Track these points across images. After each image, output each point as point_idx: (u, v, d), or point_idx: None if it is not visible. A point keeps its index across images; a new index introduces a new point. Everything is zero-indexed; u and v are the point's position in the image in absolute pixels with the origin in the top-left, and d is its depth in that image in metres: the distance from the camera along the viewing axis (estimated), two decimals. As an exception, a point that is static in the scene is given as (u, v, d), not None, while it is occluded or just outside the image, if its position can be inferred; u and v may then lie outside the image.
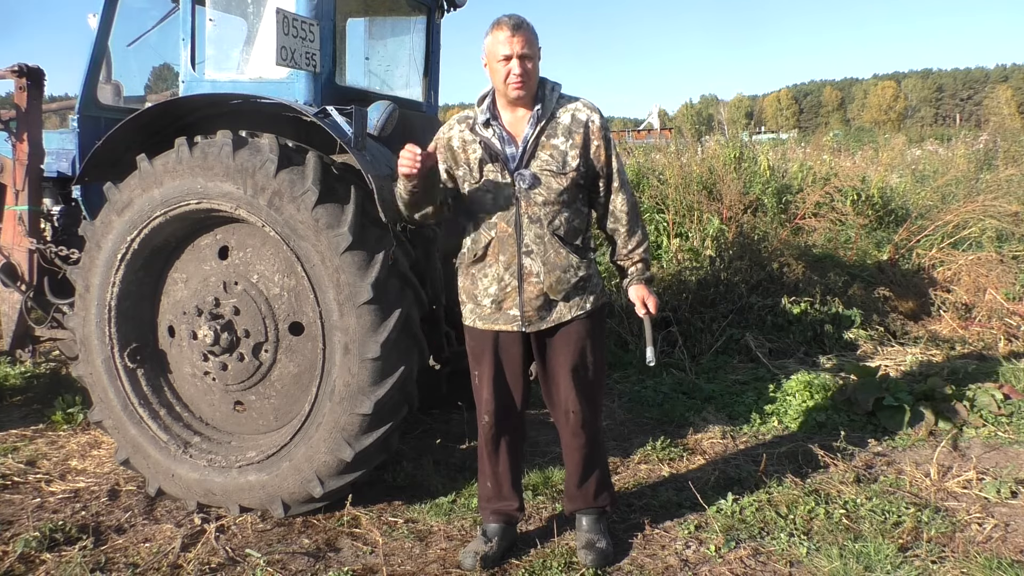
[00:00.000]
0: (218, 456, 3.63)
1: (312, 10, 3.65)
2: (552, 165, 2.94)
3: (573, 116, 2.99)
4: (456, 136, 3.05)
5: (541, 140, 2.96)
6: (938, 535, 3.32)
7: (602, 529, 3.25)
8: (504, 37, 2.86)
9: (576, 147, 2.96)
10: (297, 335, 3.54)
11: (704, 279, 6.66)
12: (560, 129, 2.97)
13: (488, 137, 2.98)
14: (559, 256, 2.97)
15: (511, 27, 2.86)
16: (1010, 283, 6.80)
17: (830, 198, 7.90)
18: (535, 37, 2.92)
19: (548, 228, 2.96)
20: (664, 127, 26.67)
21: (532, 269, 2.98)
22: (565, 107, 3.01)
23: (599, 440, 3.26)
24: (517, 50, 2.85)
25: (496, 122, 2.99)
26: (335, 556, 3.26)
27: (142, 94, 5.00)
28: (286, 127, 3.63)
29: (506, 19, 2.89)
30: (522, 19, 2.91)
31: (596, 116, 3.02)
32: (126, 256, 3.63)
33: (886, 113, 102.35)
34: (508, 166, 2.96)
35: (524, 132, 2.97)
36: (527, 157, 2.95)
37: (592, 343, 3.10)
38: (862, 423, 4.69)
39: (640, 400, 5.16)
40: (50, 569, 3.12)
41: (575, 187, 2.99)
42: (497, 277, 3.02)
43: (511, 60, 2.86)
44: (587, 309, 3.06)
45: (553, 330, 3.06)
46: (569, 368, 3.08)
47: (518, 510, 3.29)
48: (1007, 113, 38.42)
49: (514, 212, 2.96)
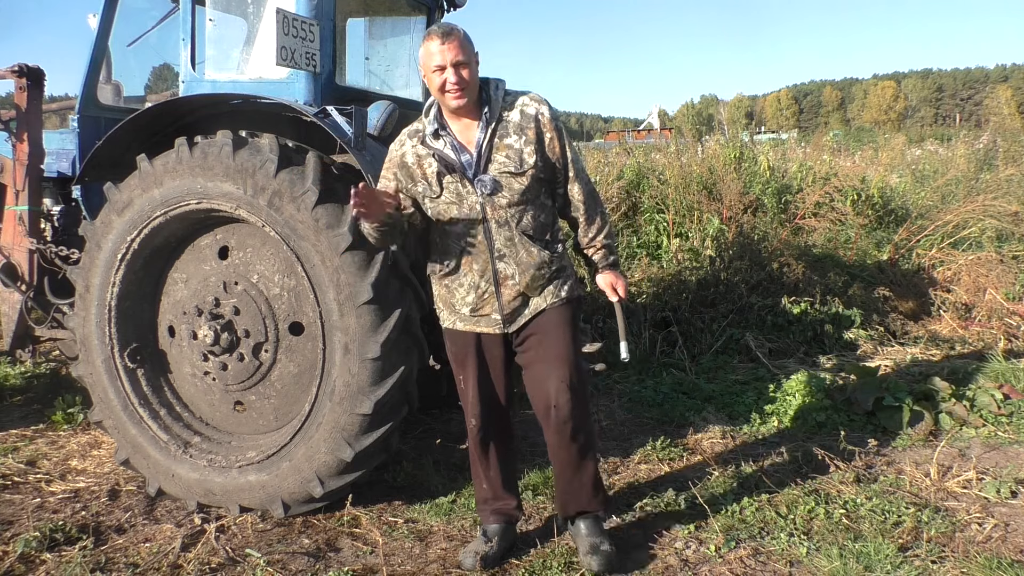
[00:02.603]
0: (218, 456, 3.64)
1: (312, 10, 3.65)
2: (510, 166, 2.89)
3: (522, 112, 2.93)
4: (409, 152, 2.98)
5: (495, 142, 2.90)
6: (938, 535, 3.32)
7: (603, 531, 3.18)
8: (435, 47, 2.80)
9: (531, 143, 2.90)
10: (297, 335, 3.54)
11: (704, 279, 6.66)
12: (511, 127, 2.91)
13: (440, 148, 2.92)
14: (531, 255, 2.94)
15: (440, 36, 2.80)
16: (1010, 283, 6.79)
17: (830, 198, 7.90)
18: (468, 43, 2.85)
19: (517, 229, 2.92)
20: (664, 127, 26.71)
21: (507, 272, 2.95)
22: (512, 104, 2.94)
23: (589, 440, 3.13)
24: (450, 58, 2.79)
25: (445, 132, 2.93)
26: (335, 556, 3.26)
27: (142, 94, 5.01)
28: (286, 127, 3.64)
29: (436, 28, 2.85)
30: (452, 27, 2.86)
31: (544, 108, 2.94)
32: (126, 256, 3.63)
33: (886, 113, 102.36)
34: (467, 174, 2.90)
35: (476, 137, 2.91)
36: (483, 162, 2.89)
37: (570, 334, 3.04)
38: (862, 423, 4.69)
39: (640, 400, 5.16)
40: (50, 569, 3.12)
41: (536, 183, 2.94)
42: (473, 285, 2.98)
43: (445, 70, 2.80)
44: (562, 297, 3.03)
45: (531, 323, 3.03)
46: (551, 357, 3.01)
47: (516, 508, 3.27)
48: (1007, 113, 38.37)
49: (480, 219, 2.91)
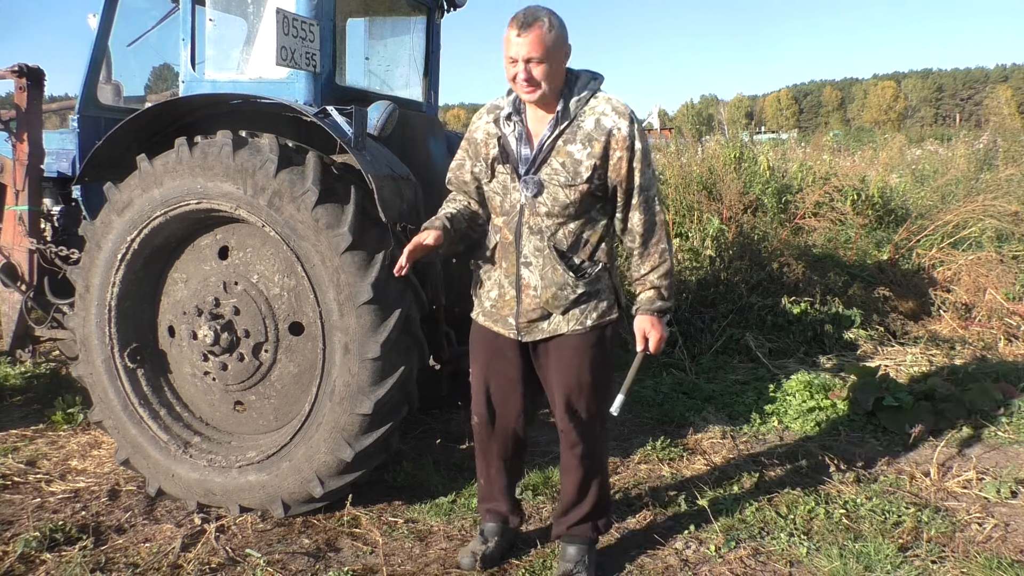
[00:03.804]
0: (218, 456, 3.63)
1: (312, 10, 3.65)
2: (562, 175, 2.68)
3: (598, 121, 2.67)
4: (481, 128, 2.86)
5: (557, 144, 2.69)
6: (938, 535, 3.32)
7: (586, 561, 2.99)
8: (512, 36, 2.60)
9: (594, 157, 2.66)
10: (297, 335, 3.54)
11: (704, 279, 6.66)
12: (580, 135, 2.68)
13: (507, 134, 2.76)
14: (555, 272, 2.75)
15: (519, 25, 2.58)
16: (1010, 283, 6.80)
17: (830, 198, 7.91)
18: (553, 35, 2.59)
19: (548, 241, 2.74)
20: (664, 127, 26.65)
21: (530, 281, 2.79)
22: (593, 109, 2.69)
23: (594, 467, 2.98)
24: (523, 53, 2.58)
25: (519, 117, 2.76)
26: (335, 556, 3.26)
27: (142, 94, 5.01)
28: (286, 127, 3.63)
29: (520, 15, 2.61)
30: (537, 15, 2.60)
31: (624, 123, 2.66)
32: (126, 256, 3.63)
33: (886, 113, 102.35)
34: (518, 169, 2.74)
35: (542, 133, 2.71)
36: (539, 162, 2.71)
37: (590, 362, 2.84)
38: (862, 423, 4.69)
39: (640, 400, 5.16)
40: (50, 569, 3.12)
41: (589, 199, 2.72)
42: (498, 283, 2.89)
43: (517, 63, 2.61)
44: (587, 325, 2.82)
45: (550, 341, 2.87)
46: (561, 383, 2.88)
47: (510, 512, 3.20)
48: (1007, 113, 38.39)
49: (516, 220, 2.76)
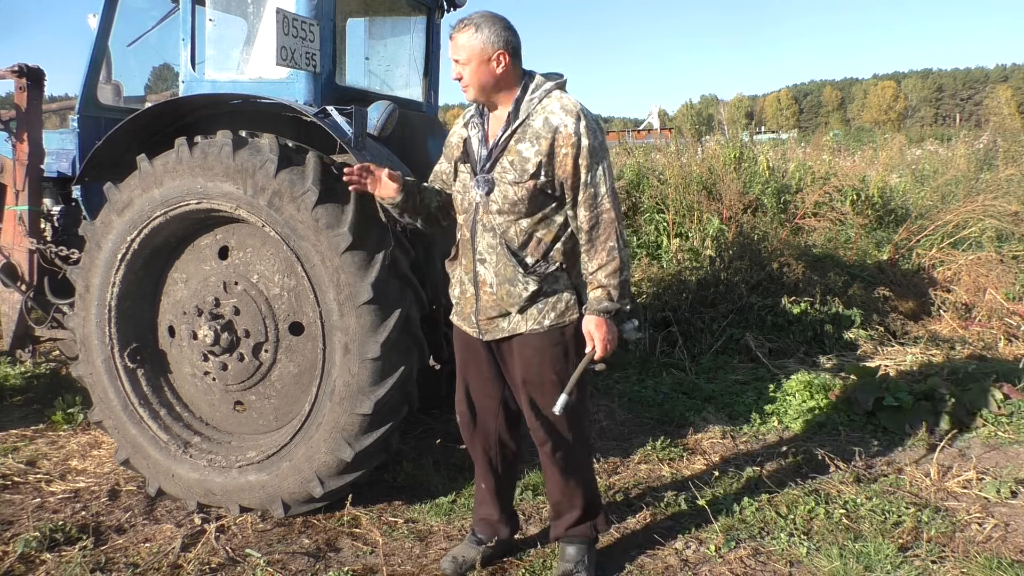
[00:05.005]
0: (218, 456, 3.63)
1: (312, 10, 3.65)
2: (510, 173, 2.73)
3: (546, 120, 2.70)
4: (456, 132, 2.96)
5: (509, 144, 2.74)
6: (938, 535, 3.32)
7: (586, 561, 3.01)
8: (450, 36, 2.76)
9: (541, 154, 2.69)
10: (297, 335, 3.54)
11: (704, 279, 6.66)
12: (530, 133, 2.72)
13: (472, 136, 2.85)
14: (507, 269, 2.77)
15: (452, 28, 2.71)
16: (1010, 283, 6.80)
17: (830, 198, 7.91)
18: (478, 38, 2.68)
19: (500, 238, 2.77)
20: (664, 127, 26.66)
21: (485, 278, 2.82)
22: (544, 108, 2.73)
23: (571, 466, 2.97)
24: (451, 54, 2.73)
25: (481, 120, 2.85)
26: (335, 556, 3.26)
27: (142, 94, 5.00)
28: (286, 127, 3.63)
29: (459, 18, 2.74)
30: (470, 19, 2.71)
31: (570, 120, 2.67)
32: (126, 256, 3.63)
33: (886, 113, 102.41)
34: (475, 168, 2.82)
35: (497, 133, 2.78)
36: (493, 160, 2.77)
37: (551, 360, 2.82)
38: (862, 423, 4.69)
39: (640, 400, 5.16)
40: (50, 569, 3.12)
41: (539, 196, 2.73)
42: (459, 280, 2.94)
43: (455, 64, 2.74)
44: (544, 325, 2.80)
45: (512, 341, 2.87)
46: (523, 382, 2.88)
47: (499, 522, 3.15)
48: (1007, 113, 38.42)
49: (472, 217, 2.83)
